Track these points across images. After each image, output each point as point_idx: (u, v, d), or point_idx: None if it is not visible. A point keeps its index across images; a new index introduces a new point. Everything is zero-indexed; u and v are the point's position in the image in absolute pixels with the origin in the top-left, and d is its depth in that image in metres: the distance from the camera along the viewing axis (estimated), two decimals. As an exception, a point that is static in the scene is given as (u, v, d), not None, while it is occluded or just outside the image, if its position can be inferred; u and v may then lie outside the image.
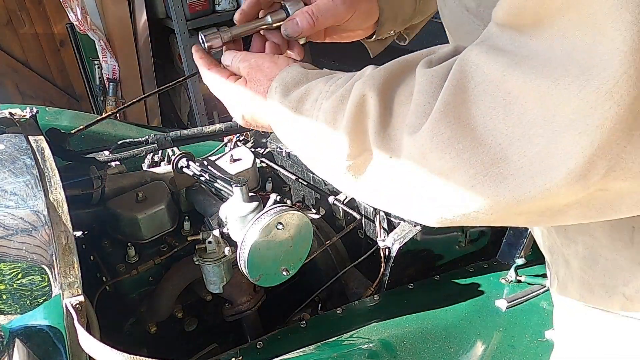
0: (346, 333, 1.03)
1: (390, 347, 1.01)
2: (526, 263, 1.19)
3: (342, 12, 0.78)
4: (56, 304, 0.83)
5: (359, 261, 1.30)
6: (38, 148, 1.06)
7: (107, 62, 3.14)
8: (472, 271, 1.24)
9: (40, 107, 1.33)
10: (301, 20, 0.76)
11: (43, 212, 0.92)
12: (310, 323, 1.10)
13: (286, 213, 0.96)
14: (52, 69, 3.45)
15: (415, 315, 1.07)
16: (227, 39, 0.76)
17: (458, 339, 1.02)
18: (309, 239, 1.02)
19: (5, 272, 0.91)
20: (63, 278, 0.83)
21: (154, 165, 1.50)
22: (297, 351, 0.98)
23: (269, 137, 1.59)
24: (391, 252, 1.20)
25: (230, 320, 1.23)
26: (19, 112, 1.24)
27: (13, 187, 0.99)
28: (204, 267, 1.10)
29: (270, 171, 1.55)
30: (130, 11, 3.09)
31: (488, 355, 1.00)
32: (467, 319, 1.07)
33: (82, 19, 2.85)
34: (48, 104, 3.31)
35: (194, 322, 1.24)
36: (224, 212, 1.08)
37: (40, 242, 0.91)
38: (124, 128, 1.88)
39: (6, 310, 0.89)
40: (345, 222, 1.37)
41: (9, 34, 3.22)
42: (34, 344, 0.83)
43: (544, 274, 1.16)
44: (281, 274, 1.01)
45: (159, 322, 1.17)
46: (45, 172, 0.98)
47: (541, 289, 1.16)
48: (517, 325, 1.07)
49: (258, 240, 0.95)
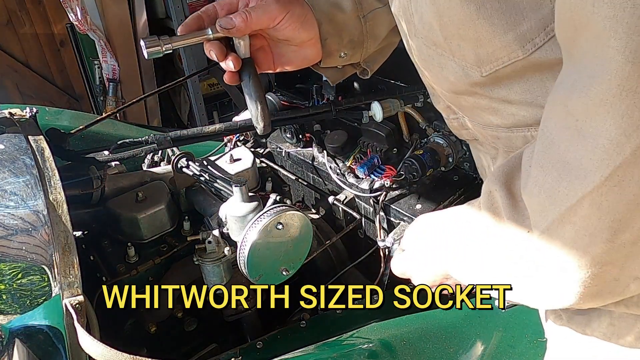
0: (346, 333, 1.03)
1: (389, 347, 1.01)
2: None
3: (274, 10, 0.83)
4: (56, 304, 0.83)
5: (359, 261, 1.30)
6: (38, 148, 1.06)
7: (107, 62, 3.14)
8: (472, 271, 1.24)
9: (40, 107, 1.33)
10: (235, 16, 0.81)
11: (43, 212, 0.92)
12: (310, 323, 1.10)
13: (286, 213, 0.96)
14: (52, 69, 3.45)
15: (415, 315, 1.07)
16: (167, 48, 0.81)
17: (458, 339, 1.02)
18: (308, 239, 1.02)
19: (5, 272, 0.91)
20: (63, 278, 0.83)
21: (154, 165, 1.50)
22: (297, 351, 0.98)
23: (269, 137, 1.59)
24: (391, 252, 1.20)
25: (230, 320, 1.23)
26: (19, 112, 1.24)
27: (13, 187, 1.00)
28: (204, 267, 1.10)
29: (270, 171, 1.55)
30: (130, 11, 3.09)
31: (488, 355, 1.00)
32: (467, 319, 1.07)
33: (82, 19, 2.85)
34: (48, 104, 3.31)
35: (194, 322, 1.24)
36: (224, 212, 1.08)
37: (40, 242, 0.91)
38: (124, 128, 1.88)
39: (6, 310, 0.89)
40: (345, 222, 1.38)
41: (9, 34, 3.22)
42: (34, 343, 0.83)
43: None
44: (281, 274, 1.01)
45: (158, 322, 1.17)
46: (45, 172, 0.98)
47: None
48: (517, 325, 1.07)
49: (258, 240, 0.95)
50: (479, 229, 0.61)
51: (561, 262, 0.49)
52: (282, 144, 1.54)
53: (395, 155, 1.36)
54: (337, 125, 1.45)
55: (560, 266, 0.49)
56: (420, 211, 1.23)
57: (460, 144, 1.27)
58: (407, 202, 1.26)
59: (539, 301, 0.57)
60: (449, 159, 1.28)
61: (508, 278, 0.58)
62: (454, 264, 0.67)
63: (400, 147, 1.36)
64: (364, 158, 1.36)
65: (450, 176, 1.33)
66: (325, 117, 1.31)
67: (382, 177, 1.28)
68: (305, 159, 1.47)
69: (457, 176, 1.32)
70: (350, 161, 1.37)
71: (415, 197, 1.27)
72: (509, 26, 0.52)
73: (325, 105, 1.28)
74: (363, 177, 1.31)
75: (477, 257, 0.62)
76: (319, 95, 1.39)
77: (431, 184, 1.31)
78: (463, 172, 1.32)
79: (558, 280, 0.51)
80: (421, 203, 1.25)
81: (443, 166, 1.30)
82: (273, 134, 1.59)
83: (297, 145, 1.50)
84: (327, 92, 1.37)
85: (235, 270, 1.07)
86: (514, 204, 0.55)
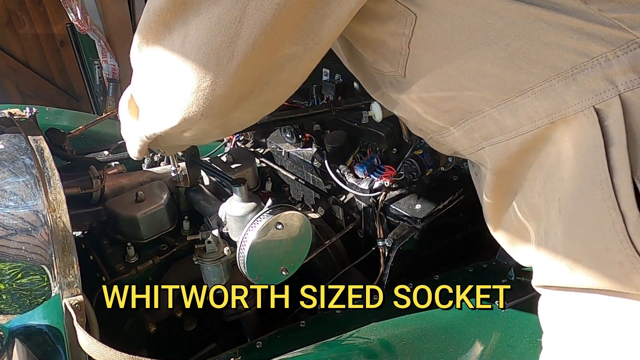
0: (345, 333, 1.03)
1: (389, 347, 1.01)
2: (526, 263, 1.19)
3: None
4: (55, 304, 0.83)
5: (359, 261, 1.30)
6: (38, 148, 1.06)
7: (107, 62, 3.14)
8: (471, 271, 1.24)
9: (40, 107, 1.33)
10: None
11: (42, 212, 0.92)
12: (310, 323, 1.10)
13: (285, 213, 0.96)
14: (52, 69, 3.46)
15: (414, 315, 1.07)
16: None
17: (457, 339, 1.02)
18: (308, 238, 1.02)
19: (5, 272, 0.91)
20: (62, 278, 0.83)
21: (154, 165, 1.50)
22: (297, 351, 0.98)
23: (269, 137, 1.59)
24: (391, 252, 1.20)
25: (230, 320, 1.23)
26: (19, 112, 1.24)
27: (13, 187, 1.00)
28: (204, 267, 1.10)
29: (270, 171, 1.55)
30: (130, 11, 3.08)
31: (487, 355, 1.00)
32: (467, 319, 1.07)
33: (82, 19, 2.86)
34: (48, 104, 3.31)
35: (193, 322, 1.24)
36: (223, 211, 1.08)
37: (40, 241, 0.91)
38: (124, 128, 1.87)
39: (6, 310, 0.89)
40: (345, 222, 1.38)
41: (9, 34, 3.22)
42: (34, 343, 0.83)
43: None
44: (280, 274, 1.01)
45: (158, 322, 1.17)
46: (44, 172, 0.98)
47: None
48: (516, 325, 1.07)
49: (257, 240, 0.95)
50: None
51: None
52: (282, 144, 1.54)
53: (394, 155, 1.36)
54: (337, 125, 1.45)
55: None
56: (420, 211, 1.23)
57: (460, 144, 1.27)
58: (407, 202, 1.26)
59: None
60: (449, 159, 1.28)
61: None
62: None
63: (400, 147, 1.35)
64: (363, 158, 1.36)
65: (450, 176, 1.33)
66: (324, 117, 1.31)
67: (382, 177, 1.27)
68: (305, 159, 1.47)
69: (457, 176, 1.32)
70: (350, 161, 1.37)
71: (415, 197, 1.27)
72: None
73: (325, 105, 1.28)
74: (363, 177, 1.31)
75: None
76: (319, 95, 1.39)
77: (431, 184, 1.31)
78: (463, 172, 1.32)
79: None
80: (421, 203, 1.25)
81: (442, 166, 1.30)
82: (273, 133, 1.59)
83: (297, 145, 1.50)
84: (326, 92, 1.37)
85: (235, 270, 1.07)
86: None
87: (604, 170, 0.60)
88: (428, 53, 0.70)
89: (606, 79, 0.60)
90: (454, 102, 0.73)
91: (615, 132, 0.60)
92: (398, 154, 1.36)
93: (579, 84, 0.62)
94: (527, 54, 0.63)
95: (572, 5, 0.60)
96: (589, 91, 0.61)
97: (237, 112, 0.76)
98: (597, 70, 0.60)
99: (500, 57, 0.65)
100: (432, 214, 1.23)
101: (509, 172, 0.74)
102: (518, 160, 0.72)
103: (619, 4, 0.60)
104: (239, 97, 0.73)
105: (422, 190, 1.28)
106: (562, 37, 0.61)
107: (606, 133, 0.60)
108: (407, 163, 1.25)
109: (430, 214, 1.22)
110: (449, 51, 0.68)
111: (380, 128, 1.33)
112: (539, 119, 0.66)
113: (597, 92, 0.61)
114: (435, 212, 1.24)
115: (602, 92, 0.61)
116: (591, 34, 0.60)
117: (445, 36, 0.66)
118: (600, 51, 0.60)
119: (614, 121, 0.60)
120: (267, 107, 0.83)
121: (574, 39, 0.61)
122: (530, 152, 0.70)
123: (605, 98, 0.60)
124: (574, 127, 0.63)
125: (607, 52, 0.60)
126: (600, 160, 0.61)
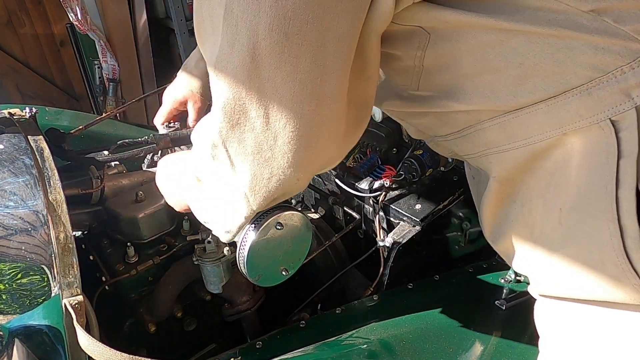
0: (345, 333, 1.03)
1: (389, 347, 1.01)
2: (526, 263, 1.19)
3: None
4: (55, 304, 0.83)
5: (359, 261, 1.30)
6: (37, 148, 1.06)
7: (107, 62, 3.14)
8: (471, 271, 1.24)
9: (40, 107, 1.33)
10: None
11: (42, 212, 0.92)
12: (310, 323, 1.09)
13: (285, 213, 0.96)
14: (52, 69, 3.45)
15: (414, 315, 1.07)
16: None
17: (457, 339, 1.02)
18: (308, 239, 1.02)
19: (5, 272, 0.91)
20: (62, 278, 0.83)
21: (154, 165, 1.50)
22: (296, 351, 0.98)
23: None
24: (391, 252, 1.20)
25: (230, 320, 1.23)
26: (19, 112, 1.24)
27: (12, 187, 1.00)
28: (204, 267, 1.10)
29: (270, 171, 1.54)
30: (130, 11, 3.09)
31: (487, 355, 1.00)
32: (467, 318, 1.07)
33: (82, 19, 2.85)
34: (48, 104, 3.31)
35: (193, 322, 1.24)
36: (224, 212, 1.08)
37: (40, 242, 0.91)
38: (124, 128, 1.88)
39: (6, 310, 0.89)
40: (345, 222, 1.38)
41: (9, 34, 3.22)
42: (33, 343, 0.83)
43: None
44: (280, 274, 1.01)
45: (158, 322, 1.17)
46: (44, 172, 0.98)
47: (541, 289, 1.16)
48: (516, 325, 1.07)
49: (257, 240, 0.95)
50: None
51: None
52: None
53: (394, 155, 1.36)
54: (337, 125, 1.44)
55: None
56: (420, 211, 1.23)
57: (460, 144, 1.27)
58: (407, 202, 1.26)
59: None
60: (449, 159, 1.28)
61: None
62: (189, 201, 0.88)
63: (400, 147, 1.36)
64: (363, 158, 1.36)
65: (450, 176, 1.33)
66: (325, 117, 1.31)
67: (382, 177, 1.27)
68: (305, 159, 1.47)
69: (457, 176, 1.32)
70: (350, 161, 1.37)
71: (415, 197, 1.27)
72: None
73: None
74: (362, 177, 1.31)
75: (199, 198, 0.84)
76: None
77: (431, 184, 1.31)
78: (462, 172, 1.32)
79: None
80: (421, 203, 1.25)
81: (442, 166, 1.29)
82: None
83: (297, 145, 1.50)
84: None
85: (235, 270, 1.07)
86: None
87: (610, 182, 0.60)
88: (442, 71, 0.69)
89: (622, 92, 0.59)
90: (464, 115, 0.72)
91: (627, 144, 0.60)
92: (398, 154, 1.36)
93: (595, 98, 0.61)
94: (541, 72, 0.62)
95: (586, 20, 0.59)
96: (604, 104, 0.60)
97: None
98: (612, 84, 0.60)
99: (513, 75, 0.64)
100: (432, 214, 1.23)
101: (512, 179, 0.73)
102: (524, 169, 0.71)
103: (634, 14, 0.59)
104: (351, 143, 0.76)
105: (422, 190, 1.28)
106: (576, 54, 0.60)
107: (619, 145, 0.60)
108: (407, 163, 1.25)
109: (430, 214, 1.22)
110: (463, 70, 0.67)
111: (380, 128, 1.33)
112: (551, 130, 0.65)
113: (612, 105, 0.60)
114: (435, 212, 1.24)
115: (617, 104, 0.60)
116: (606, 49, 0.59)
117: (460, 54, 0.66)
118: (616, 65, 0.59)
119: (627, 133, 0.60)
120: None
121: (589, 55, 0.60)
122: (537, 161, 0.69)
123: (621, 110, 0.60)
124: (586, 138, 0.63)
125: (623, 65, 0.59)
126: (610, 172, 0.60)
